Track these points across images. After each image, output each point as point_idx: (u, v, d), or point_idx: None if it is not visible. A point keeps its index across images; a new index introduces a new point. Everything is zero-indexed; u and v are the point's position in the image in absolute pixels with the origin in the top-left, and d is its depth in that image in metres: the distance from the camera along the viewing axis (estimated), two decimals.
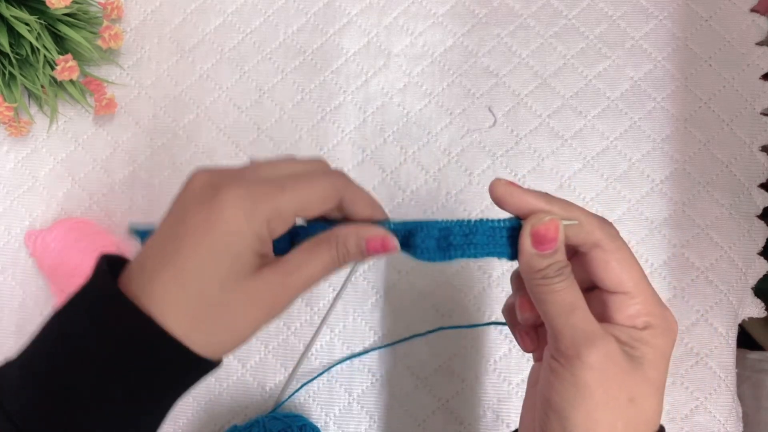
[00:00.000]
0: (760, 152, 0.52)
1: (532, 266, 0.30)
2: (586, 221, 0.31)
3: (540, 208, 0.30)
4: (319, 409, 0.51)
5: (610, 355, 0.29)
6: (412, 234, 0.31)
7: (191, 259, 0.29)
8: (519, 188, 0.31)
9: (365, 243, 0.31)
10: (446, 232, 0.31)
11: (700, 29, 0.54)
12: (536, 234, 0.30)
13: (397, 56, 0.56)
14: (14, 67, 0.53)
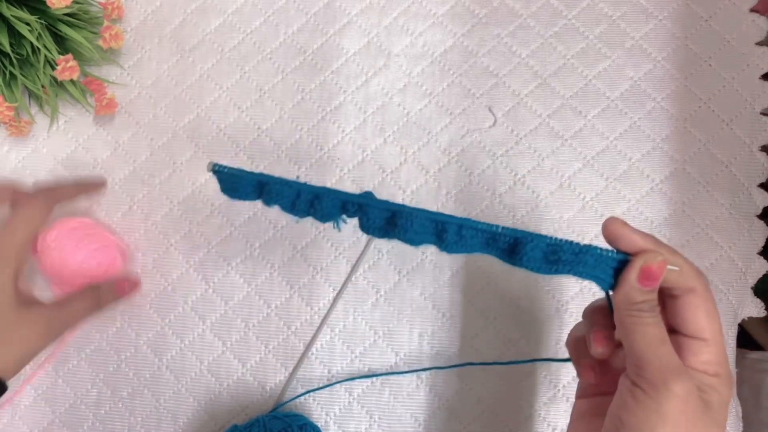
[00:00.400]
0: (760, 152, 0.52)
1: (631, 298, 0.32)
2: (687, 268, 0.33)
3: (649, 249, 0.33)
4: (319, 408, 0.51)
5: (691, 391, 0.31)
6: (519, 243, 0.34)
7: None
8: (630, 228, 0.33)
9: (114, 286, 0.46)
10: (556, 248, 0.33)
11: (700, 29, 0.54)
12: (646, 270, 0.32)
13: (397, 56, 0.56)
14: (15, 66, 0.53)
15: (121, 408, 0.53)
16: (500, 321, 0.51)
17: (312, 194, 0.38)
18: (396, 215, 0.37)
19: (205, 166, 0.37)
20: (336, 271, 0.53)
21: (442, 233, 0.36)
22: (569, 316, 0.51)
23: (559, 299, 0.51)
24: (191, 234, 0.55)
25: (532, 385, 0.50)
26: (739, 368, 0.50)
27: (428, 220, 0.36)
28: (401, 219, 0.36)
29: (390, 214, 0.37)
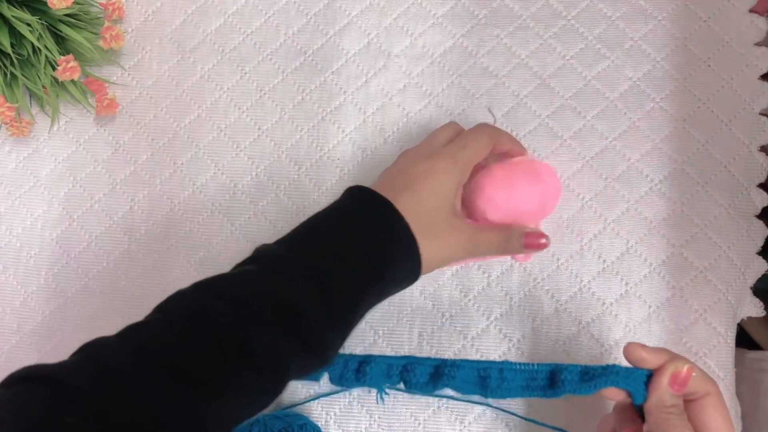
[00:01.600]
0: (759, 152, 0.52)
1: (663, 402, 0.38)
2: (701, 374, 0.39)
3: (670, 359, 0.39)
4: (319, 408, 0.51)
5: None
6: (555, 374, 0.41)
7: (422, 189, 0.43)
8: (648, 348, 0.39)
9: (524, 237, 0.46)
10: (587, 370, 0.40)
11: (699, 30, 0.54)
12: (676, 376, 0.38)
13: (397, 57, 0.56)
14: (16, 67, 0.54)
15: None
16: (500, 321, 0.51)
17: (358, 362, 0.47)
18: (439, 369, 0.44)
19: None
20: None
21: (485, 379, 0.42)
22: (568, 316, 0.51)
23: (558, 299, 0.51)
24: (191, 234, 0.55)
25: None
26: (738, 368, 0.50)
27: (471, 369, 0.43)
28: (446, 369, 0.44)
29: (433, 369, 0.45)
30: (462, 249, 0.44)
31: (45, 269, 0.55)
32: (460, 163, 0.44)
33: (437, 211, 0.43)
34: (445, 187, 0.43)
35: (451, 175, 0.43)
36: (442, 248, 0.43)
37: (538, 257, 0.52)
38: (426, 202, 0.42)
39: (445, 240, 0.43)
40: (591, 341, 0.50)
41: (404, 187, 0.42)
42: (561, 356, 0.50)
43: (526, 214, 0.48)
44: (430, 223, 0.42)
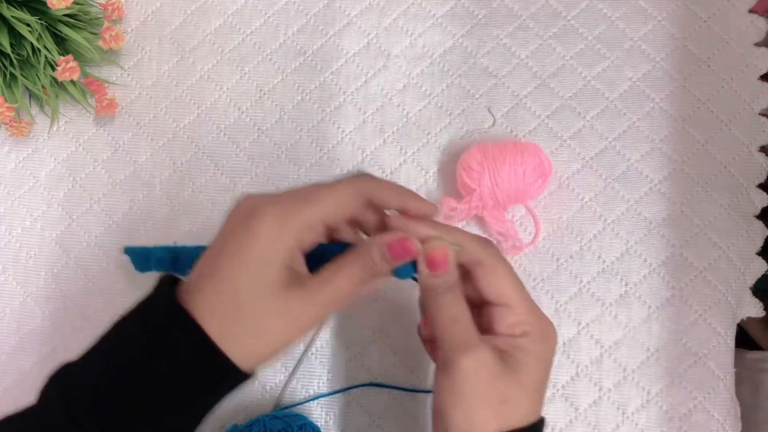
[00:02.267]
0: (759, 153, 0.52)
1: (426, 285, 0.34)
2: (468, 244, 0.35)
3: (431, 235, 0.34)
4: (319, 408, 0.51)
5: (483, 361, 0.32)
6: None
7: (228, 269, 0.32)
8: (410, 220, 0.35)
9: (387, 249, 0.34)
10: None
11: (698, 30, 0.54)
12: (430, 258, 0.34)
13: (397, 57, 0.56)
14: (15, 67, 0.54)
15: None
16: None
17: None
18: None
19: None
20: None
21: None
22: (567, 316, 0.51)
23: (558, 300, 0.51)
24: (192, 234, 0.55)
25: None
26: (738, 368, 0.50)
27: None
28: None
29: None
30: (301, 329, 0.33)
31: (45, 269, 0.55)
32: (291, 222, 0.33)
33: (251, 293, 0.32)
34: (263, 260, 0.32)
35: (273, 242, 0.32)
36: (266, 340, 0.33)
37: (538, 257, 0.52)
38: (233, 283, 0.32)
39: (270, 330, 0.32)
40: (591, 342, 0.50)
41: (209, 273, 0.33)
42: (561, 357, 0.50)
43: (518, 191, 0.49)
44: (239, 312, 0.32)
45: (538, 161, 0.49)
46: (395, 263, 0.34)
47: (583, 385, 0.50)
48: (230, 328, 0.32)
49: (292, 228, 0.33)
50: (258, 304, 0.32)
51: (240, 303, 0.32)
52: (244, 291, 0.32)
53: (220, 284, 0.32)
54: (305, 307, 0.33)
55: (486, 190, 0.49)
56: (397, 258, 0.34)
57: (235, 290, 0.32)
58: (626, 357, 0.50)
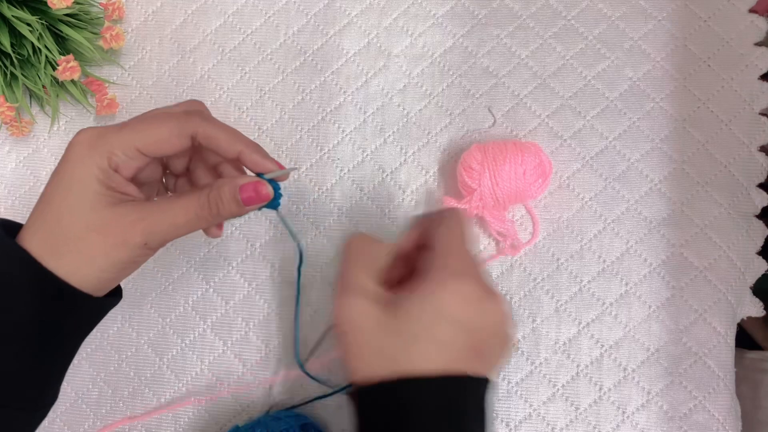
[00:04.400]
0: (759, 152, 0.52)
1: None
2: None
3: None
4: (319, 407, 0.51)
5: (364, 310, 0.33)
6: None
7: (48, 197, 0.34)
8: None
9: (239, 190, 0.34)
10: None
11: (698, 30, 0.54)
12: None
13: (397, 57, 0.56)
14: (16, 67, 0.54)
15: (122, 407, 0.53)
16: None
17: None
18: None
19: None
20: (335, 270, 0.53)
21: None
22: (568, 316, 0.51)
23: (558, 299, 0.51)
24: (191, 234, 0.55)
25: (532, 385, 0.50)
26: (738, 368, 0.50)
27: None
28: None
29: None
30: (127, 247, 0.33)
31: None
32: (101, 142, 0.34)
33: (71, 214, 0.33)
34: (76, 179, 0.33)
35: (83, 162, 0.33)
36: (92, 259, 0.33)
37: (538, 257, 0.52)
38: (54, 208, 0.33)
39: (93, 247, 0.33)
40: (591, 341, 0.50)
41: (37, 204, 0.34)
42: (561, 357, 0.50)
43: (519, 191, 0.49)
44: (63, 235, 0.33)
45: (538, 161, 0.49)
46: (246, 207, 0.35)
47: (583, 384, 0.50)
48: (55, 248, 0.32)
49: (101, 148, 0.33)
50: (77, 221, 0.33)
51: (61, 224, 0.33)
52: (63, 212, 0.33)
53: (44, 213, 0.33)
54: (132, 224, 0.33)
55: (486, 189, 0.49)
56: (249, 203, 0.34)
57: (56, 213, 0.33)
58: (626, 357, 0.50)
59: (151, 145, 0.34)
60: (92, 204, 0.33)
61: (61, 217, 0.33)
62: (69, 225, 0.33)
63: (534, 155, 0.49)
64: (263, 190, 0.35)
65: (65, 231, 0.33)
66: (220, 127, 0.35)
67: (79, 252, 0.33)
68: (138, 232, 0.33)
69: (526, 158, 0.49)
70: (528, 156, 0.49)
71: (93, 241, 0.33)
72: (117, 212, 0.33)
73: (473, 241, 0.35)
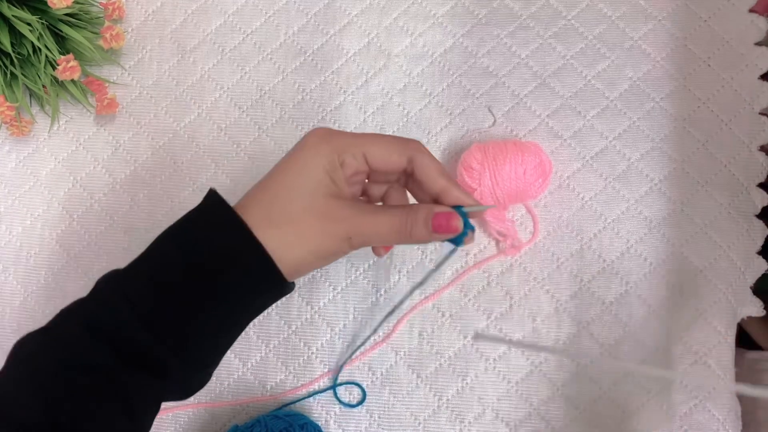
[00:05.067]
0: (759, 152, 0.52)
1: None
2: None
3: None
4: (319, 407, 0.51)
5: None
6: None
7: (277, 172, 0.36)
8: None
9: (432, 217, 0.35)
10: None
11: (698, 29, 0.54)
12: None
13: (397, 57, 0.56)
14: (16, 66, 0.54)
15: None
16: (500, 320, 0.51)
17: None
18: None
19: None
20: (335, 270, 0.53)
21: None
22: (568, 316, 0.51)
23: (558, 299, 0.51)
24: None
25: (532, 384, 0.50)
26: (738, 368, 0.50)
27: None
28: None
29: None
30: (335, 237, 0.35)
31: (45, 269, 0.55)
32: (334, 139, 0.36)
33: (292, 194, 0.35)
34: (306, 165, 0.35)
35: (316, 151, 0.35)
36: (303, 239, 0.35)
37: (539, 256, 0.52)
38: (278, 186, 0.35)
39: (306, 228, 0.35)
40: (591, 341, 0.50)
41: (262, 186, 0.36)
42: (561, 356, 0.50)
43: (519, 191, 0.49)
44: (281, 211, 0.35)
45: (538, 161, 0.49)
46: (434, 235, 0.36)
47: (584, 383, 0.50)
48: (272, 220, 0.34)
49: (335, 143, 0.36)
50: (298, 201, 0.35)
51: (282, 200, 0.35)
52: (286, 190, 0.35)
53: (265, 189, 0.36)
54: (343, 219, 0.35)
55: (486, 189, 0.49)
56: (437, 230, 0.35)
57: (278, 190, 0.35)
58: (626, 356, 0.50)
59: (377, 155, 0.36)
60: (315, 189, 0.35)
61: (284, 194, 0.35)
62: (289, 202, 0.35)
63: (534, 155, 0.49)
64: (454, 222, 0.35)
65: (285, 207, 0.35)
66: (434, 159, 0.37)
67: (294, 229, 0.34)
68: (347, 226, 0.35)
69: (527, 158, 0.49)
70: (528, 156, 0.49)
71: (310, 223, 0.35)
72: (333, 203, 0.35)
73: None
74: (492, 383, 0.50)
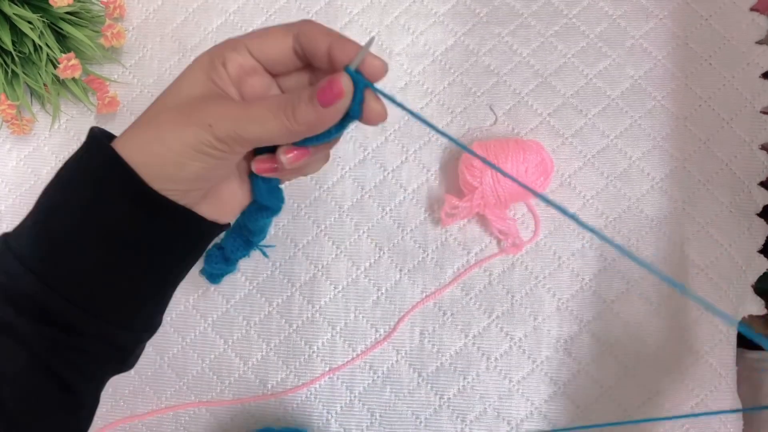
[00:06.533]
0: (760, 150, 0.52)
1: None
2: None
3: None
4: (320, 406, 0.51)
5: None
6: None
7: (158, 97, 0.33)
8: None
9: (317, 90, 0.30)
10: None
11: (700, 28, 0.54)
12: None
13: (399, 55, 0.56)
14: (17, 65, 0.54)
15: (122, 406, 0.53)
16: (502, 319, 0.51)
17: None
18: None
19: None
20: (336, 269, 0.53)
21: None
22: (569, 314, 0.51)
23: (559, 297, 0.51)
24: None
25: (533, 383, 0.50)
26: (739, 367, 0.50)
27: None
28: None
29: None
30: (192, 125, 0.31)
31: None
32: (215, 47, 0.33)
33: (166, 97, 0.32)
34: (184, 74, 0.33)
35: (200, 58, 0.33)
36: (160, 134, 0.31)
37: (540, 255, 0.51)
38: (157, 101, 0.33)
39: (164, 123, 0.31)
40: (592, 339, 0.50)
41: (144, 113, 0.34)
42: (562, 354, 0.50)
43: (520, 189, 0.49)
44: (146, 118, 0.32)
45: (539, 159, 0.49)
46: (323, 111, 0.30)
47: (585, 382, 0.50)
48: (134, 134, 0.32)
49: (215, 49, 0.33)
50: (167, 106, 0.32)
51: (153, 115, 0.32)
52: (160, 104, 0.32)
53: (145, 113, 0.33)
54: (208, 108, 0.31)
55: (488, 187, 0.49)
56: (323, 100, 0.30)
57: (154, 108, 0.32)
58: (627, 355, 0.50)
59: (259, 44, 0.33)
60: (189, 92, 0.32)
61: (159, 102, 0.32)
62: (157, 108, 0.32)
63: (535, 153, 0.49)
64: (337, 82, 0.29)
65: (151, 113, 0.32)
66: (320, 25, 0.32)
67: (154, 128, 0.31)
68: (207, 113, 0.31)
69: (528, 156, 0.49)
70: (529, 154, 0.49)
71: (169, 117, 0.31)
72: (203, 100, 0.31)
73: None
74: (493, 382, 0.50)
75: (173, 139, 0.31)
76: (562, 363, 0.50)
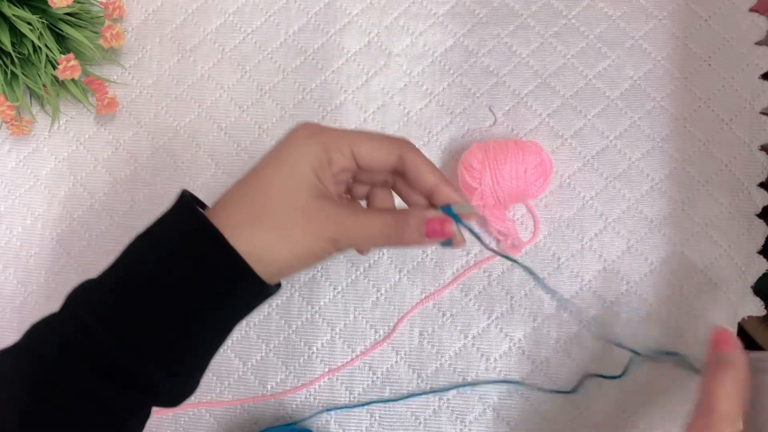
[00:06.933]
0: (760, 151, 0.52)
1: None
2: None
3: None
4: (320, 407, 0.51)
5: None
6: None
7: (262, 169, 0.34)
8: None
9: (425, 223, 0.34)
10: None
11: (699, 29, 0.54)
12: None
13: (398, 56, 0.56)
14: (16, 66, 0.54)
15: None
16: (501, 320, 0.51)
17: None
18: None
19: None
20: (336, 270, 0.53)
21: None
22: (569, 315, 0.51)
23: (559, 298, 0.51)
24: None
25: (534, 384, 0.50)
26: None
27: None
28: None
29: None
30: (319, 238, 0.33)
31: (45, 269, 0.55)
32: (322, 135, 0.34)
33: (276, 191, 0.33)
34: (292, 162, 0.33)
35: (304, 147, 0.34)
36: (286, 240, 0.33)
37: (539, 256, 0.51)
38: (262, 183, 0.34)
39: (290, 228, 0.33)
40: (592, 340, 0.50)
41: (240, 187, 0.35)
42: (561, 355, 0.50)
43: (519, 190, 0.49)
44: (262, 209, 0.33)
45: (539, 160, 0.49)
46: (427, 240, 0.34)
47: (585, 382, 0.50)
48: (255, 217, 0.33)
49: (322, 140, 0.34)
50: (282, 198, 0.33)
51: (267, 207, 0.33)
52: (270, 186, 0.33)
53: (247, 185, 0.34)
54: (328, 219, 0.33)
55: (487, 188, 0.49)
56: (431, 235, 0.34)
57: (263, 193, 0.33)
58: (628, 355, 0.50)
59: (366, 153, 0.35)
60: (300, 187, 0.33)
61: (267, 192, 0.33)
62: (272, 200, 0.33)
63: (535, 154, 0.49)
64: (448, 226, 0.34)
65: (268, 205, 0.33)
66: (424, 157, 0.36)
67: (277, 229, 0.33)
68: (333, 227, 0.33)
69: (527, 157, 0.49)
70: (529, 155, 0.49)
71: (294, 223, 0.33)
72: (319, 203, 0.33)
73: None
74: (493, 383, 0.50)
75: (303, 248, 0.33)
76: (562, 364, 0.50)
